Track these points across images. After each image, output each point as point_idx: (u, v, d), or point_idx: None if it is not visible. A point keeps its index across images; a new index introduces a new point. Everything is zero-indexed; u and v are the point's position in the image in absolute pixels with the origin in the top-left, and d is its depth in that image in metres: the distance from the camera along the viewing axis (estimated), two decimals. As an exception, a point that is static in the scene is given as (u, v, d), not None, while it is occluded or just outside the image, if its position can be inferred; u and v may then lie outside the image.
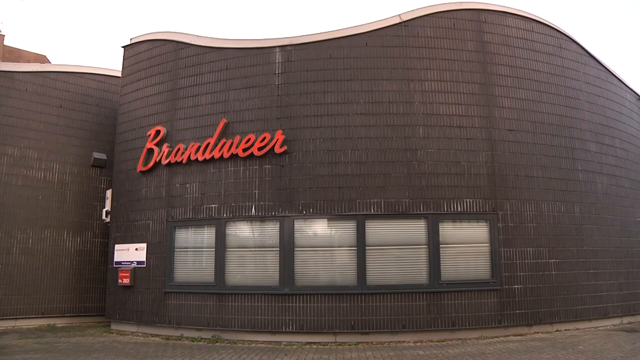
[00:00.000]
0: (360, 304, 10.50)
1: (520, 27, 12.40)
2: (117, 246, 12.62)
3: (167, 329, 11.42)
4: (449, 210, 10.94)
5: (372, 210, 10.79)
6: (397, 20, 11.64)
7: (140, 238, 12.19)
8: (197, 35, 12.62)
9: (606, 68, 14.16)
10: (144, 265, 11.99)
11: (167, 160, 11.90)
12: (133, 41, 13.50)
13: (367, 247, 10.66)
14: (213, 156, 11.45)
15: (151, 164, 12.15)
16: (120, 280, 12.13)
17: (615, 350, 9.15)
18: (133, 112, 13.02)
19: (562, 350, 9.26)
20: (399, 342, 10.33)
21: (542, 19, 12.79)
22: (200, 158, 11.54)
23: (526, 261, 11.22)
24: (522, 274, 11.14)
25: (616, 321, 12.40)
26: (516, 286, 11.05)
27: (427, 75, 11.43)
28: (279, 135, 11.04)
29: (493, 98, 11.66)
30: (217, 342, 10.66)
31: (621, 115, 14.34)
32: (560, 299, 11.45)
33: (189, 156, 11.67)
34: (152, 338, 11.28)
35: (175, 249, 11.78)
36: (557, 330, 11.30)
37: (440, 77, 11.46)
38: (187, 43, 12.57)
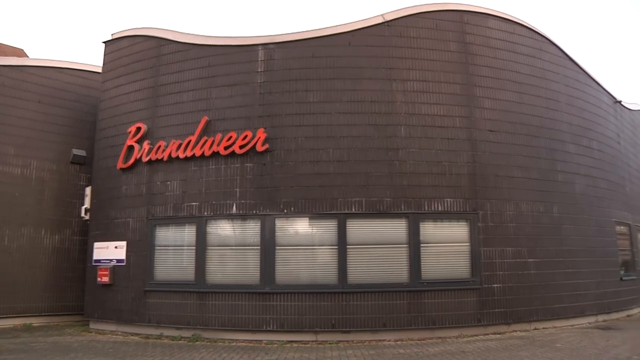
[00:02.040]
0: (341, 303, 10.52)
1: (502, 29, 12.53)
2: (96, 244, 12.48)
3: (147, 328, 11.31)
4: (429, 209, 11.01)
5: (354, 209, 10.82)
6: (380, 20, 11.68)
7: (120, 236, 12.06)
8: (179, 32, 12.53)
9: (584, 71, 14.38)
10: (124, 264, 11.86)
11: (148, 158, 11.79)
12: (114, 37, 13.34)
13: (348, 246, 10.69)
14: (194, 154, 11.37)
15: (132, 161, 12.03)
16: (99, 279, 11.99)
17: (591, 348, 9.33)
18: (114, 108, 12.87)
19: (540, 348, 9.39)
20: (380, 340, 10.36)
21: (523, 21, 12.94)
22: (182, 156, 11.46)
23: (505, 260, 11.34)
24: (501, 273, 11.26)
25: (592, 319, 12.63)
26: (496, 285, 11.16)
27: (409, 75, 11.49)
28: (261, 134, 11.01)
29: (474, 99, 11.77)
30: (197, 341, 10.59)
31: (598, 117, 14.59)
32: (539, 297, 11.61)
33: (170, 154, 11.58)
34: (132, 337, 11.16)
35: (156, 247, 11.68)
36: (535, 329, 11.45)
37: (423, 77, 11.53)
38: (169, 39, 12.46)
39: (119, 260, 11.94)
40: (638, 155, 17.80)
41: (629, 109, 17.61)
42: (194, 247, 11.27)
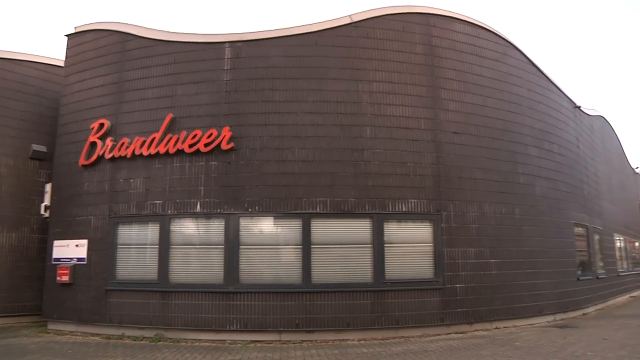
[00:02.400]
0: (305, 303, 10.53)
1: (467, 33, 12.72)
2: (56, 242, 12.17)
3: (108, 328, 11.09)
4: (394, 210, 11.10)
5: (318, 209, 10.83)
6: (348, 21, 11.72)
7: (81, 234, 11.80)
8: (145, 27, 12.33)
9: (546, 76, 14.73)
10: (85, 262, 11.61)
11: (111, 155, 11.57)
12: (77, 30, 13.02)
13: (312, 246, 10.69)
14: (158, 151, 11.21)
15: (94, 157, 11.78)
16: (58, 278, 11.71)
17: (549, 346, 9.56)
18: (76, 103, 12.57)
19: (501, 346, 9.56)
20: (343, 340, 10.39)
21: (488, 26, 13.16)
22: (145, 153, 11.29)
23: (468, 261, 11.52)
24: (464, 273, 11.42)
25: (550, 318, 12.96)
26: (458, 285, 11.33)
27: (375, 76, 11.57)
28: (226, 132, 10.93)
29: (439, 101, 11.91)
30: (160, 341, 10.44)
31: (559, 121, 14.97)
32: (500, 297, 11.84)
33: (134, 151, 11.39)
34: (92, 337, 10.92)
35: (118, 246, 11.47)
36: (496, 328, 11.65)
37: (389, 78, 11.62)
38: (134, 35, 12.24)
39: (79, 259, 11.69)
40: (595, 159, 18.36)
41: (588, 115, 18.15)
42: (157, 246, 11.10)
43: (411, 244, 11.28)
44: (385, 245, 10.93)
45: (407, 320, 10.82)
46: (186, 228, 11.24)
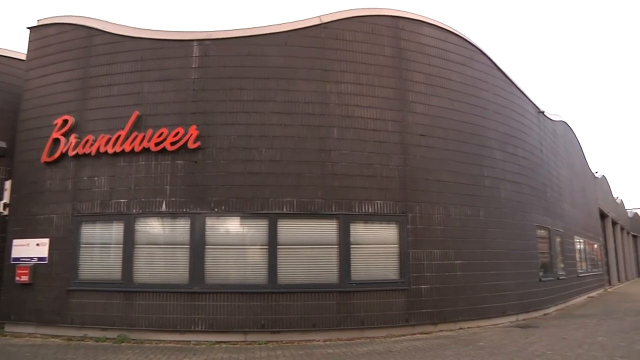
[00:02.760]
0: (270, 303, 10.50)
1: (435, 37, 12.87)
2: (15, 241, 11.83)
3: (70, 329, 10.84)
4: (360, 211, 11.16)
5: (285, 210, 10.82)
6: (317, 22, 11.73)
7: (43, 233, 11.51)
8: (111, 23, 12.09)
9: (511, 81, 15.02)
10: (46, 262, 11.32)
11: (75, 152, 11.33)
12: (40, 23, 12.67)
13: (278, 246, 10.67)
14: (124, 149, 11.03)
15: (57, 154, 11.51)
16: (17, 278, 11.39)
17: (511, 345, 9.73)
18: (39, 99, 12.25)
19: (465, 347, 9.69)
20: (309, 340, 10.40)
21: (455, 30, 13.34)
22: (110, 151, 11.09)
23: (433, 262, 11.65)
24: (429, 274, 11.55)
25: (513, 318, 13.21)
26: (423, 286, 11.45)
27: (344, 78, 11.61)
28: (193, 131, 10.82)
29: (407, 103, 12.03)
30: (123, 342, 10.26)
31: (523, 126, 15.28)
32: (464, 298, 12.01)
33: (98, 148, 11.17)
34: (53, 339, 10.64)
35: (81, 245, 11.23)
36: (460, 328, 11.82)
37: (357, 80, 11.67)
38: (100, 30, 12.01)
39: (40, 258, 11.41)
40: (558, 163, 18.81)
41: (551, 120, 18.60)
42: (122, 245, 10.92)
43: (377, 245, 11.36)
44: (352, 246, 10.98)
45: (372, 320, 10.89)
46: (151, 227, 11.09)
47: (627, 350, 8.96)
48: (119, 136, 11.07)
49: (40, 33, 12.65)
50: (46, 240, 11.44)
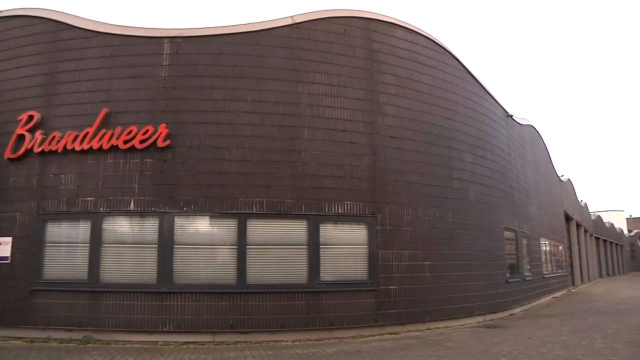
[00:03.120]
0: (239, 303, 10.46)
1: (407, 40, 13.00)
2: (-24, 240, 11.55)
3: (33, 331, 10.57)
4: (330, 211, 11.19)
5: (255, 210, 10.79)
6: (290, 22, 11.73)
7: (5, 231, 11.19)
8: (80, 17, 11.88)
9: (481, 85, 15.25)
10: (8, 261, 11.02)
11: (40, 149, 11.08)
12: (4, 14, 12.33)
13: (248, 246, 10.64)
14: (92, 147, 10.84)
15: (21, 151, 11.23)
16: (-22, 277, 11.11)
17: (478, 345, 9.89)
18: (2, 93, 11.92)
19: (432, 347, 9.79)
20: (278, 341, 10.38)
21: (427, 33, 13.48)
22: (78, 148, 10.89)
23: (402, 263, 11.75)
24: (398, 275, 11.65)
25: (480, 319, 13.41)
26: (392, 287, 11.54)
27: (315, 78, 11.63)
28: (163, 129, 10.71)
29: (378, 105, 12.11)
30: (88, 342, 10.07)
31: (493, 129, 15.53)
32: (433, 299, 12.14)
33: (65, 145, 10.95)
34: (14, 341, 10.33)
35: (46, 244, 10.99)
36: (428, 329, 11.93)
37: (328, 80, 11.71)
38: (68, 24, 11.76)
39: (2, 258, 11.09)
40: (525, 166, 19.19)
41: (519, 123, 18.96)
42: (88, 245, 10.73)
43: (346, 246, 11.42)
44: (321, 246, 11.01)
45: (341, 321, 10.93)
46: (119, 226, 10.93)
47: (588, 349, 9.22)
48: (87, 133, 10.88)
49: (4, 25, 12.31)
50: (9, 239, 11.15)
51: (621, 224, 69.99)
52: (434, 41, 13.63)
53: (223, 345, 10.02)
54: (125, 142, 10.75)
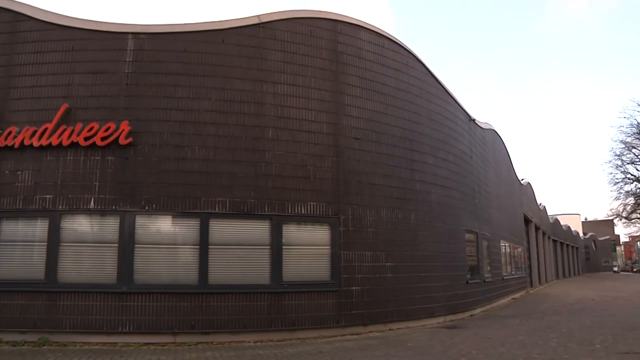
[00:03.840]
0: (201, 304, 10.37)
1: (373, 42, 13.11)
2: None
3: (-16, 333, 10.26)
4: (293, 212, 11.21)
5: (217, 209, 10.72)
6: (256, 21, 11.69)
7: (-43, 229, 10.86)
8: (40, 9, 11.53)
9: (445, 88, 15.50)
10: (-42, 260, 10.69)
11: (-4, 144, 10.77)
12: (-42, 3, 11.94)
13: (210, 246, 10.57)
14: (51, 143, 10.54)
15: (-25, 146, 10.90)
16: None
17: (438, 346, 10.00)
18: (-44, 85, 11.55)
19: (394, 347, 9.87)
20: (240, 342, 10.34)
21: (393, 36, 13.64)
22: (36, 144, 10.57)
23: (364, 264, 11.84)
24: (360, 276, 11.74)
25: (441, 319, 13.60)
26: (354, 288, 11.62)
27: (280, 78, 11.63)
28: (125, 126, 10.52)
29: (342, 106, 12.20)
30: (44, 344, 9.78)
31: (455, 132, 15.81)
32: (394, 300, 12.27)
33: (23, 141, 10.61)
34: (-37, 345, 10.04)
35: (1, 243, 10.62)
36: (390, 329, 12.04)
37: (293, 81, 11.73)
38: (28, 15, 11.37)
39: (-47, 256, 10.74)
40: (486, 169, 19.58)
41: (481, 127, 19.34)
42: (46, 243, 10.44)
43: (309, 247, 11.47)
44: (284, 247, 11.02)
45: (303, 321, 10.96)
46: (78, 225, 10.68)
47: (544, 348, 9.44)
48: (46, 129, 10.58)
49: (-43, 14, 11.87)
50: (-40, 237, 10.78)
51: (577, 227, 72.24)
52: (399, 44, 13.79)
53: (184, 346, 9.92)
54: (86, 138, 10.51)
